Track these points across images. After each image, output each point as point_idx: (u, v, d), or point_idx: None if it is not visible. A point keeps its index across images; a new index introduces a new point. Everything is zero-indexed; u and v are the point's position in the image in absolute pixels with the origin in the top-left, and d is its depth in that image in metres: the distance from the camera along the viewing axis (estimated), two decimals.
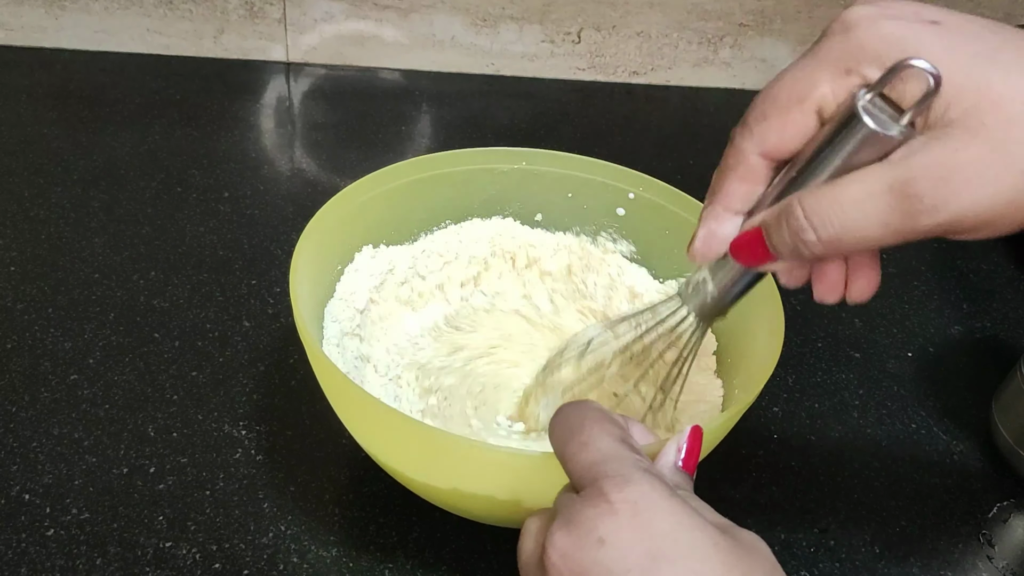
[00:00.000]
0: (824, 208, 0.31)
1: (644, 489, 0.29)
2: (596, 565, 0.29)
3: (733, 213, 0.35)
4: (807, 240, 0.31)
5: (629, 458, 0.31)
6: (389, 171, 0.54)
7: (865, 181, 0.30)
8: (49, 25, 0.89)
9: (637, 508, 0.29)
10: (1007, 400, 0.56)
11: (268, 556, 0.47)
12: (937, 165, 0.29)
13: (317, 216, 0.50)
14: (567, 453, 0.33)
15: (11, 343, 0.57)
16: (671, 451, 0.34)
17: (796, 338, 0.65)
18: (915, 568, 0.50)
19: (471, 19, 0.91)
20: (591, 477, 0.31)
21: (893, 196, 0.29)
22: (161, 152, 0.78)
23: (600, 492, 0.30)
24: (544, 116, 0.90)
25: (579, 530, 0.30)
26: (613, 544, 0.29)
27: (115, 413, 0.53)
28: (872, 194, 0.30)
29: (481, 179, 0.58)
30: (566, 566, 0.30)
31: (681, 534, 0.29)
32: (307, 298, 0.48)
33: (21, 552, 0.45)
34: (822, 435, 0.58)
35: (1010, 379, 0.56)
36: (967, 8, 0.94)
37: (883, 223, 0.30)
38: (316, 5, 0.89)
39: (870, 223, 0.30)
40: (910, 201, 0.29)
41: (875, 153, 0.30)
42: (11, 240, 0.66)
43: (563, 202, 0.60)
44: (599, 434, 0.32)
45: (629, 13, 0.92)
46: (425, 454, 0.42)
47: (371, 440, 0.45)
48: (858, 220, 0.30)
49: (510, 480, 0.41)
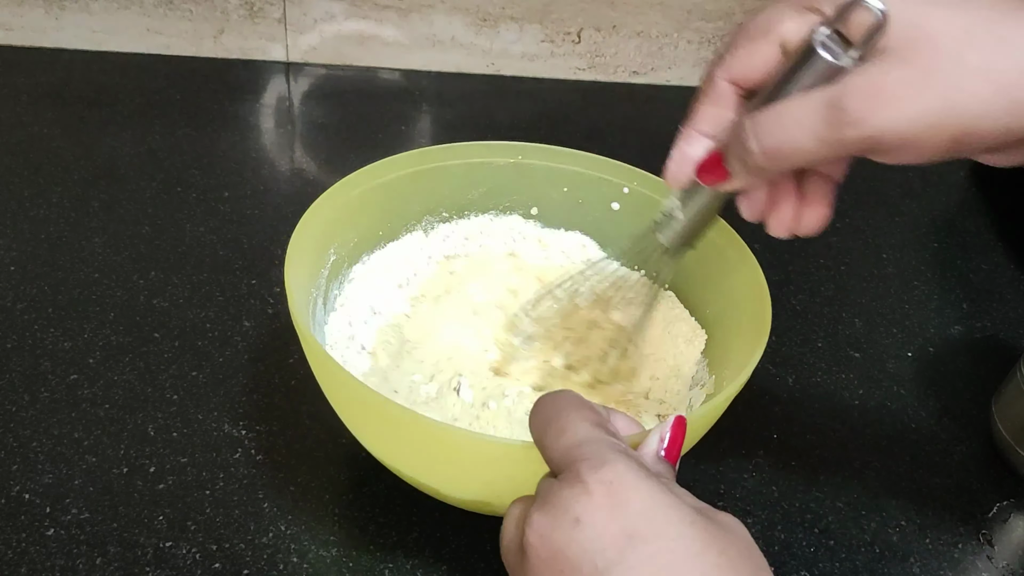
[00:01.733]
0: (766, 120, 0.34)
1: (619, 469, 0.30)
2: (572, 544, 0.30)
3: (702, 135, 0.38)
4: (751, 150, 0.34)
5: (605, 440, 0.32)
6: (385, 163, 0.55)
7: (807, 96, 0.33)
8: (49, 25, 0.89)
9: (612, 488, 0.30)
10: (1007, 399, 0.56)
11: (268, 556, 0.47)
12: (867, 84, 0.31)
13: (314, 206, 0.50)
14: (545, 442, 0.34)
15: (11, 343, 0.57)
16: (654, 440, 0.35)
17: (796, 338, 0.65)
18: (915, 568, 0.50)
19: (471, 19, 0.91)
20: (568, 461, 0.32)
21: (825, 109, 0.32)
22: (161, 152, 0.78)
23: (576, 474, 0.31)
24: (544, 116, 0.90)
25: (555, 510, 0.30)
26: (588, 523, 0.29)
27: (115, 413, 0.53)
28: (807, 109, 0.33)
29: (477, 173, 0.58)
30: (543, 545, 0.30)
31: (656, 512, 0.30)
32: (302, 287, 0.48)
33: (21, 552, 0.45)
34: (822, 435, 0.58)
35: (1010, 378, 0.56)
36: None
37: (814, 134, 0.32)
38: (316, 5, 0.89)
39: (803, 134, 0.33)
40: (838, 113, 0.32)
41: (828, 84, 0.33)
42: (11, 240, 0.66)
43: (559, 196, 0.60)
44: (575, 420, 0.33)
45: (629, 13, 0.92)
46: (418, 443, 0.42)
47: (364, 431, 0.46)
48: (792, 130, 0.33)
49: (506, 469, 0.41)
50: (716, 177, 0.38)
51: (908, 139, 0.31)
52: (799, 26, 0.34)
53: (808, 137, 0.33)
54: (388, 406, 0.40)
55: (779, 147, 0.34)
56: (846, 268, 0.73)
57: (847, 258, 0.74)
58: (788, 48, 0.35)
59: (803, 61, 0.34)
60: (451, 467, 0.43)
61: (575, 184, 0.59)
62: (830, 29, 0.33)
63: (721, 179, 0.38)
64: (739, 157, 0.35)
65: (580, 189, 0.59)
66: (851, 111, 0.31)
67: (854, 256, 0.74)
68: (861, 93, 0.31)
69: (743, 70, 0.36)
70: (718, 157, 0.37)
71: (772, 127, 0.34)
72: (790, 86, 0.34)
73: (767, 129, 0.34)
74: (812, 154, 0.33)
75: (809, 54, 0.33)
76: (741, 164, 0.36)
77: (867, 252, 0.75)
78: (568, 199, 0.60)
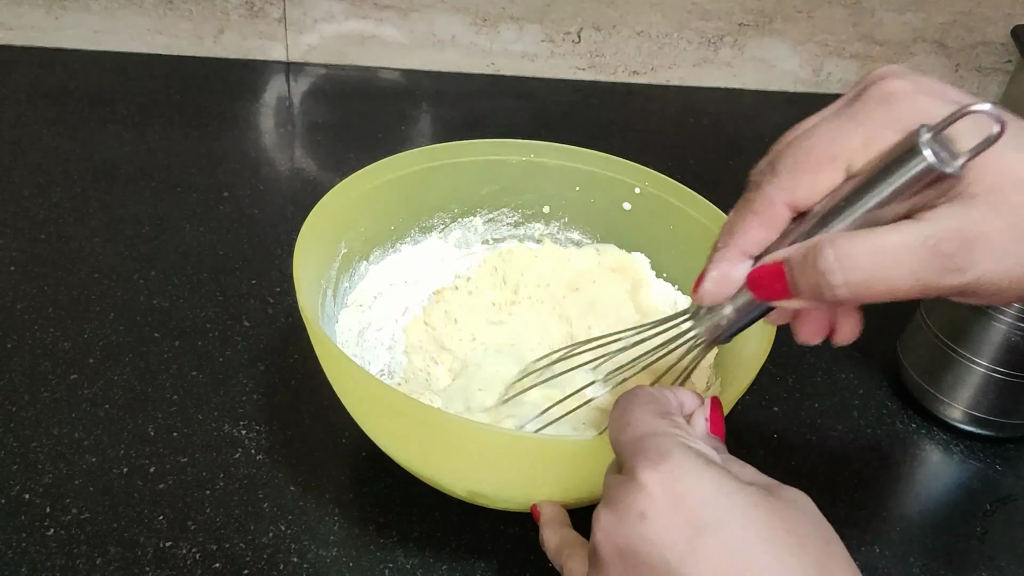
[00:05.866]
0: (857, 253, 0.31)
1: (678, 461, 0.31)
2: (641, 540, 0.30)
3: (748, 257, 0.36)
4: (833, 283, 0.31)
5: (666, 433, 0.33)
6: (397, 159, 0.55)
7: (901, 232, 0.31)
8: (49, 25, 0.89)
9: (672, 480, 0.31)
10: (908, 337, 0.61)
11: (268, 556, 0.47)
12: (966, 230, 0.30)
13: (324, 200, 0.50)
14: (613, 438, 0.35)
15: (11, 343, 0.57)
16: (700, 422, 0.36)
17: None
18: (915, 568, 0.50)
19: (471, 19, 0.91)
20: (629, 455, 0.33)
21: (927, 251, 0.30)
22: (161, 152, 0.78)
23: (638, 469, 0.31)
24: (544, 116, 0.90)
25: (619, 506, 0.31)
26: (653, 517, 0.30)
27: (115, 413, 0.53)
28: (909, 246, 0.30)
29: (489, 171, 0.59)
30: (609, 542, 0.31)
31: (720, 499, 0.30)
32: (311, 280, 0.49)
33: (21, 552, 0.45)
34: (822, 435, 0.58)
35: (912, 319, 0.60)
36: (967, 7, 0.94)
37: (914, 275, 0.30)
38: (316, 5, 0.89)
39: (902, 273, 0.30)
40: (943, 259, 0.30)
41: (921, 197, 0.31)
42: (11, 240, 0.66)
43: (570, 195, 0.60)
44: (640, 414, 0.34)
45: (629, 13, 0.92)
46: (429, 437, 0.42)
47: (366, 417, 0.46)
48: (890, 269, 0.31)
49: (514, 462, 0.42)
50: (774, 295, 0.34)
51: (1004, 288, 0.31)
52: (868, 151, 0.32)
53: (906, 277, 0.31)
54: (401, 400, 0.40)
55: (870, 283, 0.31)
56: None
57: None
58: (852, 171, 0.33)
59: (899, 163, 0.31)
60: (462, 461, 0.43)
61: (587, 183, 0.59)
62: (931, 133, 0.30)
63: (781, 298, 0.34)
64: (813, 284, 0.32)
65: (592, 188, 0.59)
66: (956, 258, 0.30)
67: None
68: (961, 240, 0.30)
69: (806, 195, 0.33)
70: (779, 273, 0.34)
71: (864, 262, 0.31)
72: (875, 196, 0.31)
73: (857, 263, 0.31)
74: (904, 293, 0.31)
75: (909, 155, 0.30)
76: (814, 291, 0.32)
77: None
78: (580, 198, 0.60)
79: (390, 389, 0.41)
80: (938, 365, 0.57)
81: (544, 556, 0.44)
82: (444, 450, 0.43)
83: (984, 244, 0.30)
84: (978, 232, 0.30)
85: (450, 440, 0.41)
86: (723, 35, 0.94)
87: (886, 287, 0.31)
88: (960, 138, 0.30)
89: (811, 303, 0.33)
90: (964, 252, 0.30)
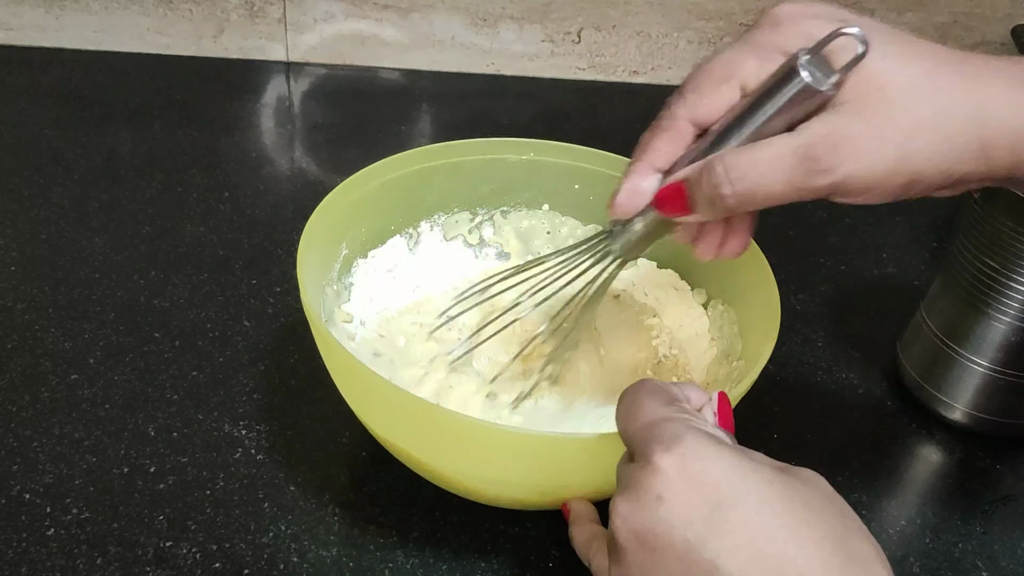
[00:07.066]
0: (741, 165, 0.35)
1: (690, 443, 0.32)
2: (659, 522, 0.31)
3: (656, 170, 0.39)
4: (723, 194, 0.35)
5: (676, 418, 0.34)
6: (400, 158, 0.55)
7: (775, 145, 0.34)
8: (49, 25, 0.89)
9: (687, 461, 0.31)
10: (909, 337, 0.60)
11: (268, 556, 0.47)
12: (831, 135, 0.34)
13: (326, 200, 0.50)
14: (624, 427, 0.36)
15: (11, 343, 0.57)
16: (709, 416, 0.37)
17: (796, 338, 0.65)
18: (915, 568, 0.50)
19: (471, 19, 0.91)
20: (641, 441, 0.33)
21: (797, 157, 0.34)
22: (161, 152, 0.78)
23: (652, 454, 0.32)
24: (544, 116, 0.90)
25: (636, 492, 0.32)
26: (670, 498, 0.31)
27: (115, 413, 0.53)
28: (781, 155, 0.34)
29: (490, 169, 0.59)
30: (627, 527, 0.32)
31: (735, 477, 0.31)
32: (314, 278, 0.49)
33: (22, 552, 0.45)
34: (822, 435, 0.58)
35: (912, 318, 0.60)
36: (967, 7, 0.94)
37: (787, 180, 0.34)
38: (316, 5, 0.89)
39: (777, 179, 0.34)
40: (810, 162, 0.34)
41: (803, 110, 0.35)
42: (11, 240, 0.66)
43: (570, 193, 0.60)
44: (648, 402, 0.35)
45: (629, 13, 0.92)
46: (435, 434, 0.43)
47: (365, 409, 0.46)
48: (767, 176, 0.34)
49: (515, 458, 0.42)
50: (677, 210, 0.38)
51: (869, 185, 0.34)
52: (761, 71, 0.36)
53: (781, 182, 0.34)
54: (406, 397, 0.41)
55: (752, 191, 0.35)
56: (846, 268, 0.73)
57: (847, 258, 0.74)
58: (747, 90, 0.36)
59: (782, 84, 0.35)
60: (460, 455, 0.43)
61: (587, 181, 0.59)
62: (809, 55, 0.34)
63: (682, 212, 0.38)
64: (707, 196, 0.36)
65: (592, 186, 0.59)
66: (821, 161, 0.33)
67: (854, 256, 0.75)
68: (828, 144, 0.34)
69: (707, 111, 0.37)
70: (680, 190, 0.38)
71: (746, 171, 0.35)
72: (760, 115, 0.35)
73: (741, 173, 0.35)
74: (781, 198, 0.35)
75: (790, 76, 0.34)
76: (708, 203, 0.36)
77: (867, 252, 0.75)
78: (580, 196, 0.60)
79: (399, 390, 0.41)
80: (938, 365, 0.57)
81: (544, 555, 0.44)
82: (452, 447, 0.43)
83: (848, 145, 0.33)
84: (842, 136, 0.33)
85: (457, 437, 0.42)
86: (723, 35, 0.94)
87: (765, 193, 0.35)
88: (837, 57, 0.34)
89: (708, 216, 0.38)
90: (830, 155, 0.33)
